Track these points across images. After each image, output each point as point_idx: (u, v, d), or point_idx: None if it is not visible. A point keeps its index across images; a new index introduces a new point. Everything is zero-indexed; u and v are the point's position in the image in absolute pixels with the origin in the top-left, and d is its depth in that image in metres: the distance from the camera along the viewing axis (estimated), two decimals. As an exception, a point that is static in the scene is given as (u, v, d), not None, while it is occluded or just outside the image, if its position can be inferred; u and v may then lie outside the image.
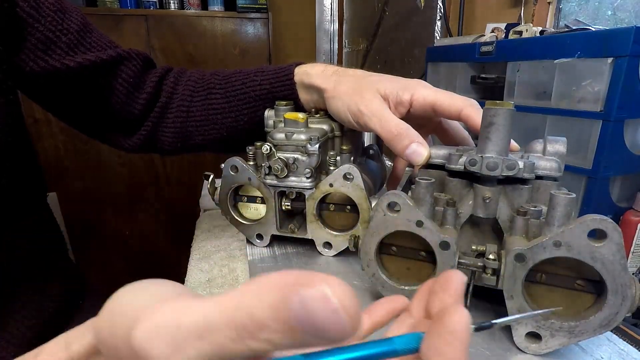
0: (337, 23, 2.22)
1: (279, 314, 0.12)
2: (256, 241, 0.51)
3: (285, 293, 0.12)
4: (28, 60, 0.45)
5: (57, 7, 0.46)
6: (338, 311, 0.12)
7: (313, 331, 0.12)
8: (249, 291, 0.13)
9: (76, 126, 0.57)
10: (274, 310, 0.12)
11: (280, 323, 0.12)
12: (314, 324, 0.12)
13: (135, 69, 0.53)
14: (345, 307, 0.12)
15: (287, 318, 0.12)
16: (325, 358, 0.15)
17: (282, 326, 0.12)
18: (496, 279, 0.32)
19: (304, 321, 0.12)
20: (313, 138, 0.44)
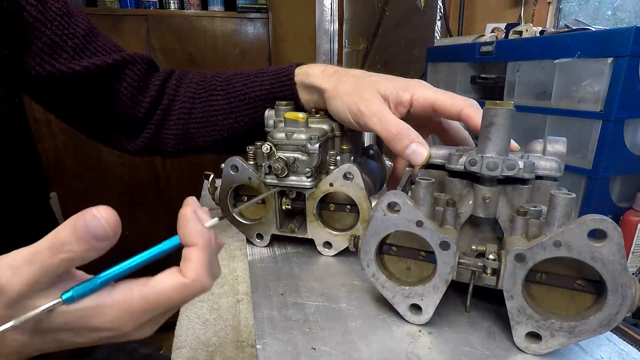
0: (337, 23, 2.22)
1: (74, 231, 0.21)
2: (256, 241, 0.51)
3: (77, 219, 0.21)
4: (34, 63, 0.45)
5: (63, 11, 0.47)
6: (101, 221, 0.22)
7: (91, 235, 0.21)
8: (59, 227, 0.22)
9: (80, 129, 0.57)
10: (71, 231, 0.21)
11: (75, 237, 0.21)
12: (90, 230, 0.21)
13: (139, 72, 0.53)
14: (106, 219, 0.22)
15: (77, 231, 0.21)
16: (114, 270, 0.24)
17: (76, 238, 0.21)
18: (496, 279, 0.32)
19: (84, 230, 0.21)
20: (313, 137, 0.44)
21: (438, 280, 0.33)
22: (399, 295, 0.35)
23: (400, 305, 0.36)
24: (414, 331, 0.35)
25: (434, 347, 0.33)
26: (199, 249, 0.25)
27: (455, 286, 0.36)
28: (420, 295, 0.35)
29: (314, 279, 0.43)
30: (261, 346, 0.33)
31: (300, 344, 0.33)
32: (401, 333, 0.35)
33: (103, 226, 0.22)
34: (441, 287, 0.34)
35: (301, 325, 0.35)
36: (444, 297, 0.34)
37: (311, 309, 0.38)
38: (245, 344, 0.37)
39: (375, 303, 0.39)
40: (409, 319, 0.36)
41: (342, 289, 0.41)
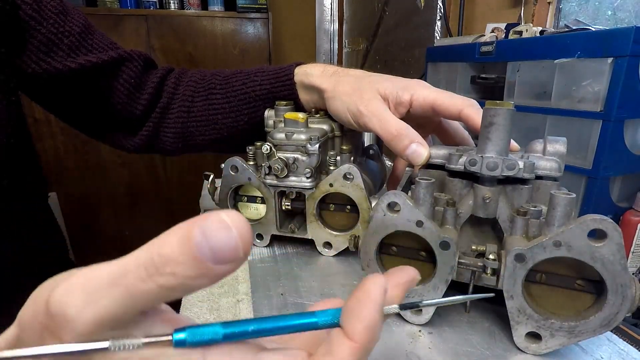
0: (337, 23, 2.22)
1: (183, 245, 0.14)
2: (256, 241, 0.51)
3: (188, 228, 0.14)
4: (30, 62, 0.45)
5: (59, 9, 0.47)
6: (231, 229, 0.14)
7: (211, 253, 0.14)
8: (159, 237, 0.15)
9: (78, 127, 0.57)
10: (178, 243, 0.14)
11: (184, 253, 0.14)
12: (211, 244, 0.14)
13: (136, 69, 0.53)
14: (238, 227, 0.14)
15: (189, 246, 0.14)
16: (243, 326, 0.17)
17: (185, 256, 0.14)
18: (496, 279, 0.32)
19: (202, 244, 0.14)
20: (313, 138, 0.44)
21: (438, 280, 0.33)
22: (399, 296, 0.35)
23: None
24: (414, 331, 0.35)
25: (434, 347, 0.33)
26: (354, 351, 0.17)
27: (455, 286, 0.36)
28: (420, 295, 0.35)
29: (314, 279, 0.43)
30: (261, 346, 0.33)
31: (300, 344, 0.33)
32: (401, 333, 0.35)
33: (234, 240, 0.14)
34: (441, 287, 0.34)
35: (301, 325, 0.35)
36: (444, 297, 0.34)
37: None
38: (245, 344, 0.37)
39: (375, 303, 0.39)
40: (409, 319, 0.36)
41: (342, 289, 0.41)
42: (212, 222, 0.14)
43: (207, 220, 0.14)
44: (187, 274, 0.14)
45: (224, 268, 0.15)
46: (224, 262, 0.14)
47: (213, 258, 0.14)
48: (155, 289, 0.14)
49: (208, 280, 0.15)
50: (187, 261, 0.14)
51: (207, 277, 0.15)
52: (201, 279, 0.14)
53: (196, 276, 0.14)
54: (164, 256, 0.14)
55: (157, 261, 0.14)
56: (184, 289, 0.15)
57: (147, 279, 0.14)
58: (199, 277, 0.14)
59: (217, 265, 0.14)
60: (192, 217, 0.15)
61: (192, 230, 0.14)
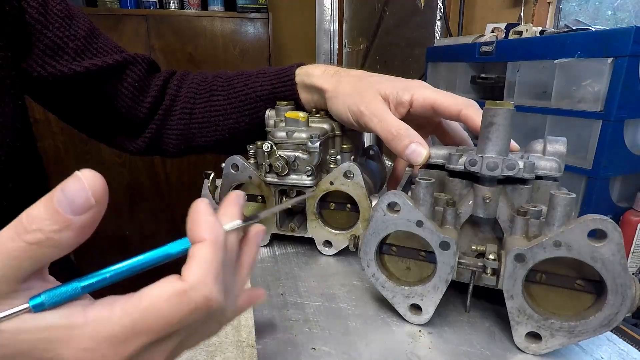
0: (337, 23, 2.22)
1: (46, 203, 0.16)
2: (256, 241, 0.51)
3: (53, 190, 0.16)
4: (36, 65, 0.46)
5: (64, 13, 0.47)
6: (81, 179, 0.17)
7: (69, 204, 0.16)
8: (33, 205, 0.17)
9: (82, 129, 0.57)
10: (43, 203, 0.16)
11: (47, 209, 0.16)
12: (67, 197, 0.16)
13: (140, 73, 0.53)
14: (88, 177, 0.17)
15: (51, 203, 0.16)
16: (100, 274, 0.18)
17: (48, 211, 0.16)
18: (496, 279, 0.32)
19: (62, 199, 0.16)
20: (314, 136, 0.44)
21: (438, 280, 0.33)
22: (399, 295, 0.35)
23: (400, 305, 0.36)
24: (414, 331, 0.35)
25: (434, 347, 0.33)
26: (207, 246, 0.19)
27: (455, 286, 0.36)
28: (420, 295, 0.35)
29: (314, 279, 0.43)
30: (261, 346, 0.33)
31: (300, 344, 0.33)
32: (401, 333, 0.35)
33: (84, 190, 0.17)
34: (441, 287, 0.34)
35: (301, 325, 0.35)
36: (444, 297, 0.34)
37: (311, 309, 0.38)
38: (245, 344, 0.37)
39: (375, 303, 0.39)
40: (409, 319, 0.36)
41: (342, 289, 0.41)
42: (69, 180, 0.17)
43: (67, 180, 0.17)
44: (51, 228, 0.16)
45: (83, 218, 0.17)
46: (80, 212, 0.17)
47: (71, 209, 0.16)
48: (24, 247, 0.16)
49: (72, 233, 0.17)
50: (50, 216, 0.16)
51: (70, 229, 0.17)
52: (65, 231, 0.16)
53: (60, 229, 0.16)
54: (30, 215, 0.16)
55: (25, 221, 0.16)
56: (51, 243, 0.16)
57: (16, 237, 0.16)
58: (63, 230, 0.16)
59: (77, 216, 0.17)
60: None
61: (55, 190, 0.16)
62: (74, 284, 0.18)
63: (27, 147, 0.47)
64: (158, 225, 1.84)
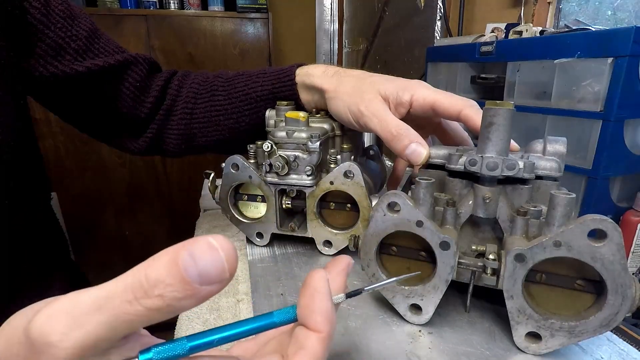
0: (337, 23, 2.22)
1: (171, 268, 0.14)
2: (256, 240, 0.51)
3: (176, 251, 0.15)
4: (38, 65, 0.46)
5: (66, 13, 0.47)
6: (219, 252, 0.15)
7: (199, 275, 0.15)
8: (147, 261, 0.15)
9: (83, 129, 0.58)
10: (166, 266, 0.14)
11: (172, 275, 0.14)
12: (199, 266, 0.14)
13: (141, 73, 0.53)
14: (224, 249, 0.15)
15: (177, 269, 0.14)
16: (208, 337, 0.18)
17: (173, 278, 0.14)
18: (496, 279, 0.32)
19: (191, 266, 0.14)
20: (314, 136, 0.44)
21: (438, 280, 0.33)
22: (399, 295, 0.35)
23: (400, 305, 0.36)
24: (414, 331, 0.35)
25: (434, 347, 0.33)
26: (321, 341, 0.19)
27: (455, 286, 0.36)
28: (420, 295, 0.35)
29: (314, 279, 0.43)
30: (261, 346, 0.33)
31: (300, 344, 0.33)
32: (401, 333, 0.35)
33: (220, 262, 0.15)
34: (441, 287, 0.34)
35: (301, 325, 0.35)
36: (444, 297, 0.34)
37: (311, 308, 0.38)
38: (245, 344, 0.37)
39: (375, 303, 0.39)
40: (409, 319, 0.36)
41: (342, 289, 0.41)
42: (200, 245, 0.15)
43: (196, 244, 0.15)
44: (174, 296, 0.15)
45: (211, 288, 0.15)
46: (210, 283, 0.15)
47: (200, 280, 0.15)
48: (142, 312, 0.15)
49: (195, 301, 0.15)
50: (175, 283, 0.14)
51: (194, 298, 0.15)
52: (188, 299, 0.15)
53: (183, 297, 0.15)
54: (152, 279, 0.15)
55: (145, 284, 0.15)
56: (170, 310, 0.15)
57: (134, 301, 0.15)
58: (186, 298, 0.15)
59: (204, 287, 0.15)
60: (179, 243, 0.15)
61: (180, 253, 0.15)
62: (182, 342, 0.17)
63: (28, 147, 0.47)
64: (158, 225, 1.84)
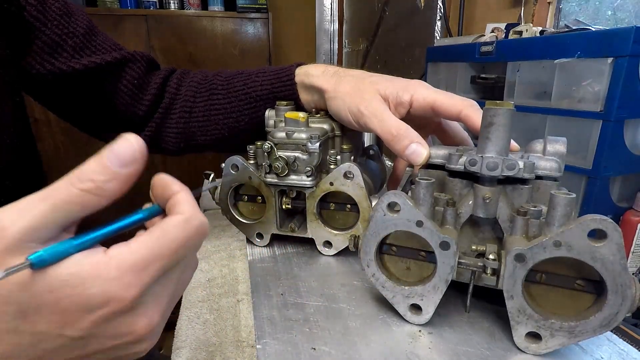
0: (337, 23, 2.22)
1: (97, 160, 0.20)
2: (256, 240, 0.51)
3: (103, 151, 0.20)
4: (35, 63, 0.46)
5: (63, 10, 0.47)
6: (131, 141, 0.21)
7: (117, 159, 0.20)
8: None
9: (81, 127, 0.57)
10: (94, 160, 0.20)
11: (98, 164, 0.20)
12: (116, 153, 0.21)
13: (139, 70, 0.53)
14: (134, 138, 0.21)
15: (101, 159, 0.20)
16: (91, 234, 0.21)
17: (99, 166, 0.20)
18: (496, 279, 0.32)
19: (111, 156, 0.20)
20: (314, 137, 0.44)
21: (438, 280, 0.33)
22: (399, 295, 0.35)
23: (400, 305, 0.36)
24: (414, 331, 0.35)
25: (434, 347, 0.33)
26: (185, 192, 0.24)
27: (455, 286, 0.36)
28: (420, 295, 0.35)
29: (314, 279, 0.43)
30: (261, 346, 0.33)
31: (300, 344, 0.33)
32: (401, 333, 0.35)
33: (132, 147, 0.21)
34: (441, 287, 0.34)
35: (301, 325, 0.35)
36: (444, 297, 0.34)
37: (311, 309, 0.38)
38: (245, 344, 0.37)
39: (375, 303, 0.39)
40: (409, 319, 0.36)
41: (342, 289, 0.41)
42: (117, 141, 0.21)
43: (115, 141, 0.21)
44: (101, 178, 0.20)
45: (128, 170, 0.21)
46: (126, 165, 0.21)
47: (118, 162, 0.20)
48: (76, 193, 0.19)
49: (118, 183, 0.21)
50: (100, 169, 0.20)
51: (116, 180, 0.20)
52: (112, 182, 0.20)
53: (108, 180, 0.20)
54: (84, 170, 0.20)
55: (78, 173, 0.20)
56: (100, 192, 0.20)
57: (69, 186, 0.19)
58: (110, 180, 0.20)
59: (122, 169, 0.21)
60: None
61: (104, 150, 0.20)
62: (68, 241, 0.20)
63: (26, 146, 0.47)
64: (158, 225, 1.84)
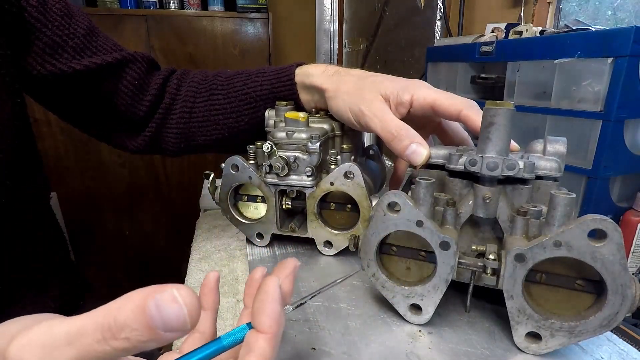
0: (337, 23, 2.22)
1: (137, 314, 0.16)
2: (256, 240, 0.51)
3: (143, 298, 0.16)
4: (35, 63, 0.46)
5: (64, 11, 0.47)
6: (182, 306, 0.16)
7: (162, 323, 0.16)
8: (116, 302, 0.16)
9: (81, 128, 0.57)
10: (134, 312, 0.16)
11: (138, 322, 0.16)
12: (163, 316, 0.16)
13: (140, 71, 0.53)
14: (187, 303, 0.16)
15: (144, 316, 0.16)
16: None
17: (140, 324, 0.16)
18: (496, 279, 0.32)
19: (155, 316, 0.16)
20: (314, 137, 0.44)
21: (438, 280, 0.33)
22: (399, 295, 0.35)
23: (400, 305, 0.36)
24: (414, 331, 0.35)
25: (434, 347, 0.33)
26: (268, 341, 0.21)
27: (455, 286, 0.36)
28: (420, 295, 0.35)
29: (314, 279, 0.43)
30: (261, 346, 0.33)
31: (300, 344, 0.33)
32: (401, 333, 0.35)
33: (183, 314, 0.16)
34: (441, 287, 0.34)
35: (301, 325, 0.35)
36: (444, 297, 0.34)
37: (311, 309, 0.38)
38: (245, 344, 0.37)
39: (375, 303, 0.39)
40: (409, 319, 0.36)
41: (342, 289, 0.41)
42: (165, 296, 0.16)
43: (162, 294, 0.16)
44: (139, 339, 0.16)
45: (173, 335, 0.17)
46: (173, 331, 0.16)
47: (164, 327, 0.16)
48: (109, 351, 0.16)
49: (157, 344, 0.17)
50: (140, 329, 0.16)
51: (156, 342, 0.16)
52: (152, 342, 0.16)
53: (148, 340, 0.16)
54: (120, 323, 0.16)
55: (114, 327, 0.16)
56: (135, 350, 0.17)
57: (103, 341, 0.16)
58: (150, 342, 0.16)
59: (167, 333, 0.16)
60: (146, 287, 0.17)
61: (147, 302, 0.16)
62: None
63: (26, 146, 0.47)
64: (158, 225, 1.84)
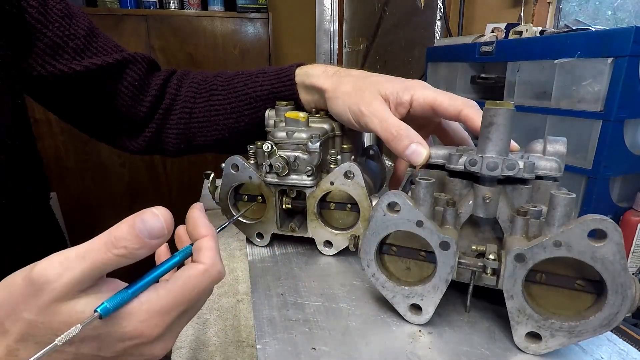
0: (337, 23, 2.22)
1: (130, 227, 0.23)
2: (256, 240, 0.51)
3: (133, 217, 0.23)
4: (36, 64, 0.46)
5: (64, 12, 0.47)
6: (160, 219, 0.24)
7: (148, 233, 0.23)
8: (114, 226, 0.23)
9: (82, 128, 0.58)
10: (127, 228, 0.23)
11: (130, 233, 0.23)
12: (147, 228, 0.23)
13: (140, 72, 0.53)
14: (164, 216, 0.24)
15: (134, 229, 0.23)
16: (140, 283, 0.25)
17: (131, 235, 0.23)
18: (496, 279, 0.32)
19: (142, 228, 0.23)
20: (314, 136, 0.44)
21: (438, 280, 0.33)
22: (399, 295, 0.35)
23: (400, 305, 0.36)
24: (414, 331, 0.35)
25: (434, 347, 0.33)
26: (210, 239, 0.27)
27: (455, 286, 0.36)
28: (420, 295, 0.35)
29: (314, 279, 0.43)
30: (261, 346, 0.33)
31: (300, 344, 0.33)
32: (401, 333, 0.35)
33: (161, 223, 0.23)
34: (441, 287, 0.34)
35: (301, 325, 0.35)
36: (444, 297, 0.34)
37: (311, 309, 0.38)
38: (245, 344, 0.37)
39: (375, 303, 0.39)
40: (409, 319, 0.36)
41: (342, 289, 0.41)
42: (147, 214, 0.23)
43: (145, 213, 0.23)
44: (133, 247, 0.23)
45: (156, 241, 0.23)
46: (155, 237, 0.23)
47: (149, 235, 0.23)
48: (112, 258, 0.22)
49: (147, 250, 0.23)
50: (132, 239, 0.23)
51: (146, 248, 0.23)
52: (142, 249, 0.23)
53: (139, 247, 0.23)
54: (117, 237, 0.23)
55: (114, 240, 0.22)
56: (131, 256, 0.23)
57: (107, 251, 0.22)
58: (141, 248, 0.23)
59: (152, 240, 0.23)
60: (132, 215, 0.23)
61: (135, 220, 0.23)
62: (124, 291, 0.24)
63: (27, 147, 0.47)
64: (158, 225, 1.84)
